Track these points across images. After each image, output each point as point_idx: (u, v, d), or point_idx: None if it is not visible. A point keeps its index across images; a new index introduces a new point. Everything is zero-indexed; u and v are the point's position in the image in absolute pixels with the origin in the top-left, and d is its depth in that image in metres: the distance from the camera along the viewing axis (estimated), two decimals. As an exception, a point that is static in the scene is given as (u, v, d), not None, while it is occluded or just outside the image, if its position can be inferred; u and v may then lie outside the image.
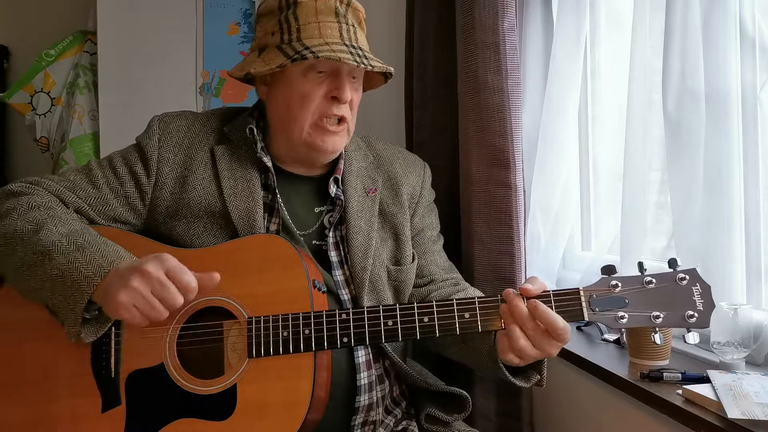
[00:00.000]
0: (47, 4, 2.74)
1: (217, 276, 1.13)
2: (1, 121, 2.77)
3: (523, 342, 1.11)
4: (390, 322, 1.14)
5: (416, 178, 1.46)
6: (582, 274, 1.67)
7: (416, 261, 1.42)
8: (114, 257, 1.13)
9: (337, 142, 1.30)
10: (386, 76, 1.37)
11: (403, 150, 1.52)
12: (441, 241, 1.51)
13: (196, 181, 1.31)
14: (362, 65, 1.24)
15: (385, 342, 1.19)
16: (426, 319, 1.14)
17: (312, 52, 1.21)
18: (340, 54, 1.22)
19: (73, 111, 2.48)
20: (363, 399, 1.27)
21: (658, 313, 1.10)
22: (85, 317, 1.12)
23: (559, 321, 1.10)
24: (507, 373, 1.21)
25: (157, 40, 2.37)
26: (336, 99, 1.27)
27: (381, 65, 1.28)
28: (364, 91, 1.38)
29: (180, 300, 1.10)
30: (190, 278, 1.10)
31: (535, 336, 1.11)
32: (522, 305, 1.11)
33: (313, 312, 1.15)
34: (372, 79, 1.40)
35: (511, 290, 1.14)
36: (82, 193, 1.29)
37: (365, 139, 1.48)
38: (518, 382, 1.22)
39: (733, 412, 1.03)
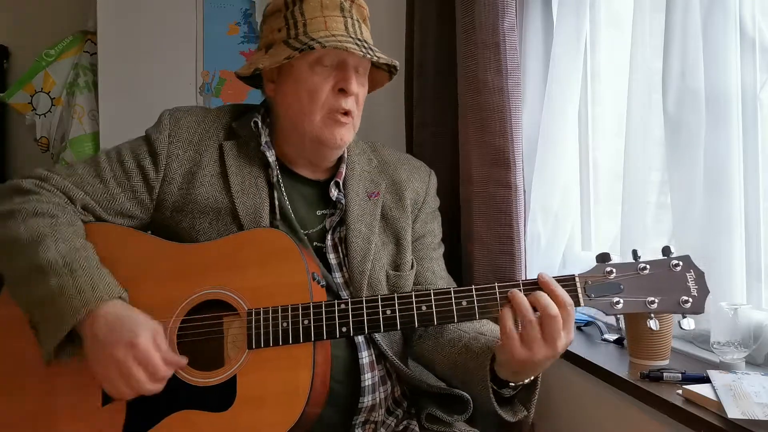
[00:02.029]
0: (47, 4, 2.74)
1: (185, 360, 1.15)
2: (1, 121, 2.76)
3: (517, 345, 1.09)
4: (388, 311, 1.15)
5: (421, 183, 1.46)
6: (582, 274, 1.67)
7: (415, 268, 1.42)
8: (103, 292, 1.13)
9: (345, 134, 1.30)
10: (391, 72, 1.38)
11: (410, 156, 1.52)
12: (441, 250, 1.50)
13: (204, 177, 1.32)
14: (368, 56, 1.25)
15: (384, 331, 1.19)
16: (424, 307, 1.14)
17: (319, 43, 1.23)
18: (347, 44, 1.23)
19: (73, 111, 2.48)
20: (367, 400, 1.27)
21: (653, 299, 1.11)
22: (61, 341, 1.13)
23: (567, 296, 1.10)
24: (495, 403, 1.20)
25: (157, 41, 2.37)
26: (343, 92, 1.27)
27: (386, 58, 1.29)
28: (369, 91, 1.39)
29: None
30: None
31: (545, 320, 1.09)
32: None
33: (312, 303, 1.16)
34: (375, 78, 1.40)
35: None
36: (90, 188, 1.29)
37: (371, 144, 1.48)
38: (504, 415, 1.21)
39: (733, 412, 1.03)
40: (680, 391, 1.18)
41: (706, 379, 1.20)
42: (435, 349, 1.35)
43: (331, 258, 1.33)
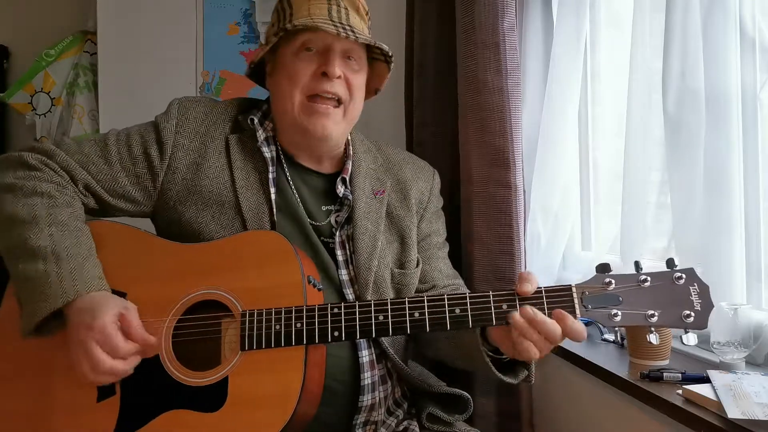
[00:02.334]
0: (47, 4, 2.74)
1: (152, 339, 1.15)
2: (1, 121, 2.76)
3: (534, 350, 1.09)
4: (381, 317, 1.14)
5: (425, 183, 1.46)
6: (582, 275, 1.67)
7: (420, 266, 1.42)
8: (81, 287, 1.14)
9: (327, 125, 1.29)
10: (388, 62, 1.36)
11: (414, 156, 1.52)
12: (446, 248, 1.51)
13: (209, 169, 1.32)
14: (342, 34, 1.24)
15: (376, 336, 1.19)
16: (417, 314, 1.13)
17: (292, 24, 1.24)
18: (319, 23, 1.23)
19: (73, 111, 2.48)
20: (366, 399, 1.27)
21: (653, 312, 1.08)
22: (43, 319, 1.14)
23: (559, 330, 1.08)
24: (495, 370, 1.20)
25: (157, 40, 2.37)
26: (326, 76, 1.27)
27: (366, 38, 1.28)
28: (375, 85, 1.40)
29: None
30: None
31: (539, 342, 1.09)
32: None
33: (306, 306, 1.16)
34: (378, 71, 1.39)
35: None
36: (94, 168, 1.29)
37: (375, 143, 1.48)
38: (507, 379, 1.22)
39: (733, 412, 1.03)
40: (680, 391, 1.18)
41: (706, 379, 1.20)
42: (436, 337, 1.35)
43: (339, 254, 1.33)
